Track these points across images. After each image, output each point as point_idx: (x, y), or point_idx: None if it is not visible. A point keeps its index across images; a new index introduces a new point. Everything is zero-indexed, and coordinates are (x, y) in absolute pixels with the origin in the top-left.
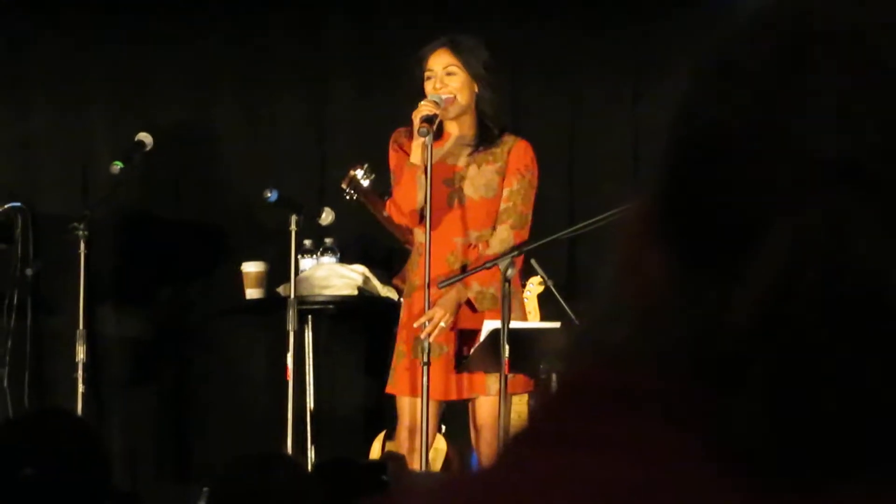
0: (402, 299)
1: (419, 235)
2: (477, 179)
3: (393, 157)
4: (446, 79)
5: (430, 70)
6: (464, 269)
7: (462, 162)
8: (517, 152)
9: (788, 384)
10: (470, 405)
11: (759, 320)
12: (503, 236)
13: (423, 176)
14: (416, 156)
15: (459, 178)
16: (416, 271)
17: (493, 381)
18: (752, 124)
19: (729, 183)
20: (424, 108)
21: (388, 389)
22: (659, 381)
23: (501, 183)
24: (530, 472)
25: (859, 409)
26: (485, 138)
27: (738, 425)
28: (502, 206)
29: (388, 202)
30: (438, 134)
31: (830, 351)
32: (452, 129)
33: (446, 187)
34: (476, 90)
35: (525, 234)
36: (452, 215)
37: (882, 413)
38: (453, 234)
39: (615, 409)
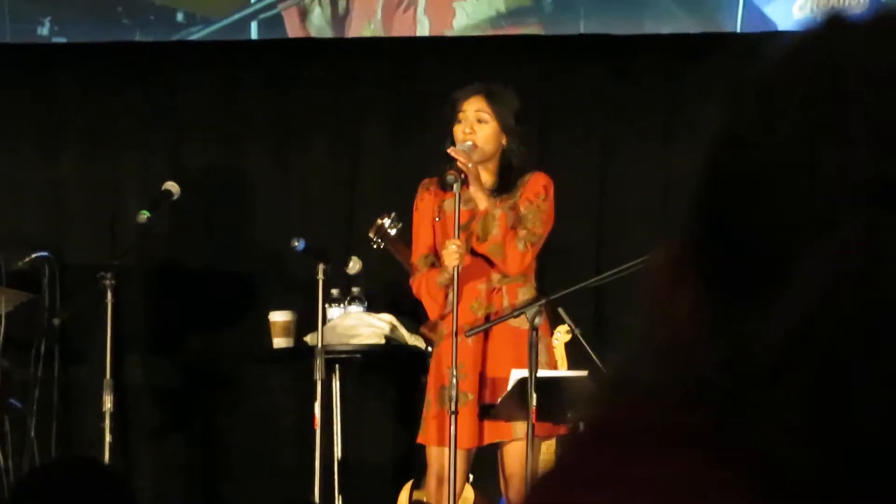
0: (430, 349)
1: None
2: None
3: (416, 214)
4: (476, 126)
5: (462, 113)
6: (487, 318)
7: (481, 206)
8: (530, 183)
9: (828, 407)
10: (499, 453)
11: (795, 344)
12: (520, 248)
13: (450, 292)
14: (443, 276)
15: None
16: (445, 321)
17: (518, 425)
18: (785, 153)
19: (762, 210)
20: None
21: (419, 439)
22: (687, 416)
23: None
24: None
25: None
26: (505, 185)
27: (774, 455)
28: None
29: (412, 283)
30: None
31: (869, 372)
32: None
33: (465, 231)
34: (504, 142)
35: (535, 253)
36: (474, 261)
37: None
38: (477, 279)
39: (642, 447)
